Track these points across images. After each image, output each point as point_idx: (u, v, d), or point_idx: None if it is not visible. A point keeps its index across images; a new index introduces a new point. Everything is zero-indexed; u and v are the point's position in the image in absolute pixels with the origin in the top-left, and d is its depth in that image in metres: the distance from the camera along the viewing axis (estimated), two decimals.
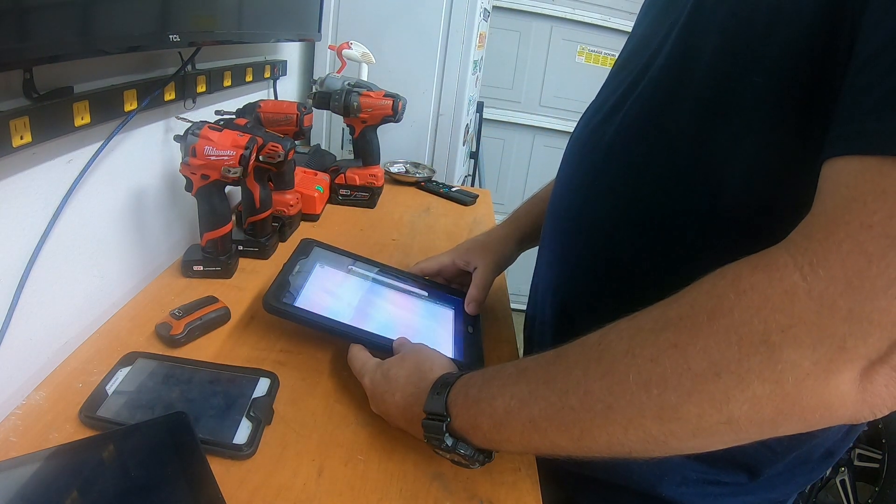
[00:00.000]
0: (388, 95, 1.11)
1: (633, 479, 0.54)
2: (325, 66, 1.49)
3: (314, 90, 1.14)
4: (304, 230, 1.01)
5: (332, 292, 0.69)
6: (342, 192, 1.17)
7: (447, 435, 0.46)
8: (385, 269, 0.79)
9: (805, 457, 0.53)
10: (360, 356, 0.60)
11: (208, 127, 0.74)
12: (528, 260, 0.75)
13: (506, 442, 0.44)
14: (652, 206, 0.49)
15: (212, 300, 0.69)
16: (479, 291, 0.75)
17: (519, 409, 0.41)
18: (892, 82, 0.31)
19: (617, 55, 0.62)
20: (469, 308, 0.74)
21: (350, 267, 0.76)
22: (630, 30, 0.62)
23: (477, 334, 0.72)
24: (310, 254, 0.74)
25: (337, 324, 0.63)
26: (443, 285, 0.81)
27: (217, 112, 0.89)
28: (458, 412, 0.46)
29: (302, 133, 1.00)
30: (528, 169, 2.61)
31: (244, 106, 0.97)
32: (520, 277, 0.81)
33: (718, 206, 0.44)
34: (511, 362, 0.46)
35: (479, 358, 0.68)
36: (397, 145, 1.50)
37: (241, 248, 0.86)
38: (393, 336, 0.64)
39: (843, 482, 1.66)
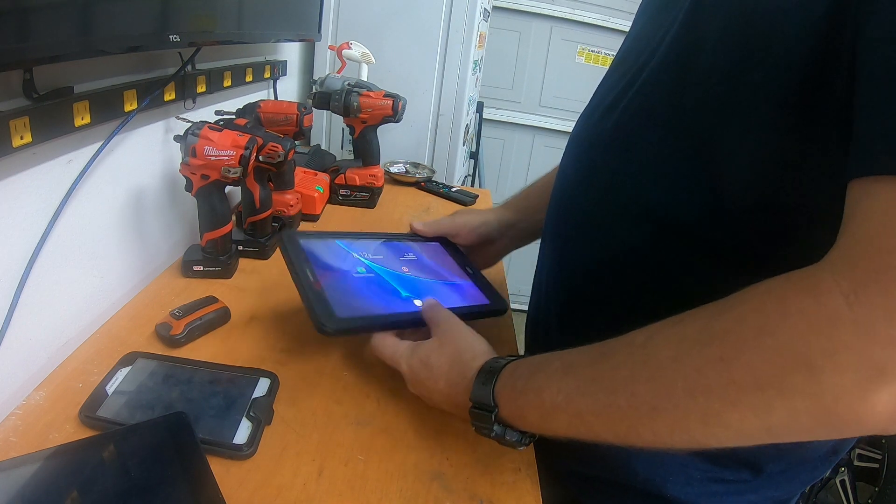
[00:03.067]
0: (388, 95, 1.11)
1: (637, 479, 0.54)
2: (325, 66, 1.49)
3: (314, 90, 1.14)
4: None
5: (359, 291, 0.62)
6: (342, 192, 1.17)
7: (496, 424, 0.47)
8: (372, 238, 0.72)
9: (809, 455, 0.53)
10: (387, 343, 0.57)
11: (208, 127, 0.74)
12: (528, 260, 0.75)
13: (550, 431, 0.45)
14: (652, 202, 0.49)
15: (212, 300, 0.69)
16: (436, 229, 0.77)
17: (566, 404, 0.42)
18: None
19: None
20: (416, 225, 0.77)
21: (344, 250, 0.68)
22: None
23: (476, 271, 0.74)
24: (299, 247, 0.63)
25: (394, 315, 0.59)
26: (416, 236, 0.77)
27: (217, 112, 0.89)
28: (504, 403, 0.47)
29: (302, 133, 1.00)
30: (528, 169, 2.61)
31: (244, 106, 0.97)
32: (520, 277, 0.81)
33: (720, 202, 0.44)
34: (555, 354, 0.46)
35: (496, 295, 0.70)
36: (397, 145, 1.50)
37: (241, 248, 0.86)
38: (416, 296, 0.63)
39: (843, 482, 1.66)
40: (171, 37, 0.66)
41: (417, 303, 0.62)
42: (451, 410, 0.53)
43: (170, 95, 0.78)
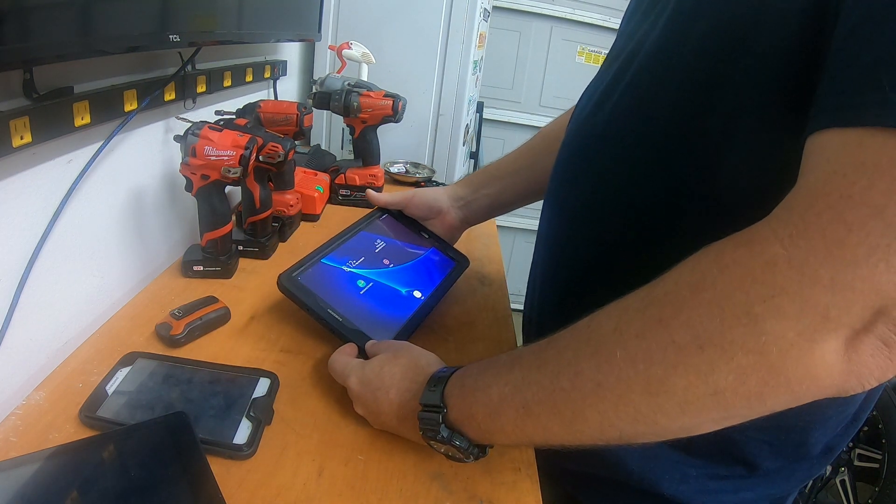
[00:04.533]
0: (388, 95, 1.11)
1: (633, 476, 0.54)
2: (325, 66, 1.49)
3: (314, 90, 1.14)
4: (304, 230, 1.01)
5: (374, 307, 0.69)
6: (342, 192, 1.17)
7: (443, 426, 0.46)
8: (341, 242, 0.74)
9: (804, 452, 0.53)
10: (340, 358, 0.59)
11: (208, 127, 0.74)
12: (528, 260, 0.75)
13: (499, 432, 0.44)
14: (644, 192, 0.49)
15: (212, 300, 0.69)
16: (392, 202, 0.83)
17: (512, 396, 0.42)
18: (871, 56, 0.31)
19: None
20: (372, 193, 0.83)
21: (335, 267, 0.72)
22: None
23: (431, 233, 0.82)
24: (303, 287, 0.66)
25: (412, 319, 0.68)
26: (370, 217, 0.82)
27: (217, 112, 0.89)
28: (454, 403, 0.46)
29: (302, 133, 1.00)
30: None
31: (244, 106, 0.97)
32: (520, 277, 0.81)
33: (711, 191, 0.44)
34: (506, 353, 0.46)
35: (456, 252, 0.82)
36: (397, 145, 1.50)
37: (241, 248, 0.86)
38: (412, 288, 0.72)
39: (843, 482, 1.66)
40: (171, 37, 0.66)
41: (417, 294, 0.72)
42: (397, 425, 0.52)
43: (170, 95, 0.78)
